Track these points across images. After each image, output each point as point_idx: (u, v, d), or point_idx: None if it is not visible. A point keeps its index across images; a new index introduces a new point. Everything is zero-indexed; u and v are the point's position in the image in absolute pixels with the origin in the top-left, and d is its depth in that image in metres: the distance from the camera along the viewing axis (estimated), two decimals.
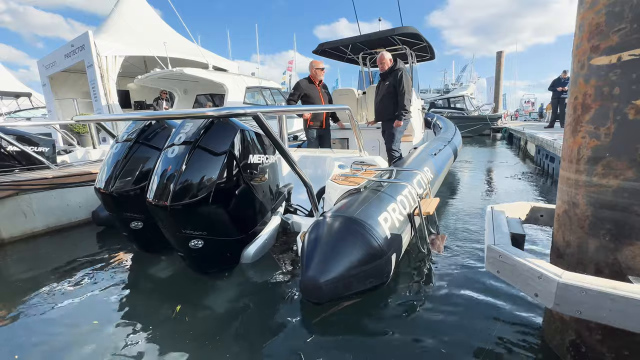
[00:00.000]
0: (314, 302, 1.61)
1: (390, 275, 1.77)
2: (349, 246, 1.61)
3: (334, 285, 1.52)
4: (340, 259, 1.57)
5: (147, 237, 2.35)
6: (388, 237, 1.75)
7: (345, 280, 1.55)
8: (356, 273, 1.58)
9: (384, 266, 1.69)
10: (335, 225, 1.72)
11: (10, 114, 11.20)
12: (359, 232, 1.66)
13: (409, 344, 1.46)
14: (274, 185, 2.35)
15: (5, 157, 3.65)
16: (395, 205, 2.01)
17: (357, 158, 3.05)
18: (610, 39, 1.01)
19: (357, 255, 1.60)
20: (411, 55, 5.02)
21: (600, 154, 1.06)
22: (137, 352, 1.47)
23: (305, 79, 4.10)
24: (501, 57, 16.36)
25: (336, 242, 1.63)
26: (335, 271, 1.53)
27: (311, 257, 1.60)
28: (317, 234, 1.71)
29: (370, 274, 1.64)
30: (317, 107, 3.64)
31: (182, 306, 1.80)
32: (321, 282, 1.50)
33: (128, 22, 8.29)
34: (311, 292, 1.54)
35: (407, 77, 3.68)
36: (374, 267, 1.64)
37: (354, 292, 1.62)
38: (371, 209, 1.85)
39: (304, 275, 1.56)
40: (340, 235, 1.66)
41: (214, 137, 1.91)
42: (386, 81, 3.79)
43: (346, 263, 1.56)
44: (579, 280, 0.96)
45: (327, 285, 1.50)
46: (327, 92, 4.21)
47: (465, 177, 5.62)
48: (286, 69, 30.05)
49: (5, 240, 2.84)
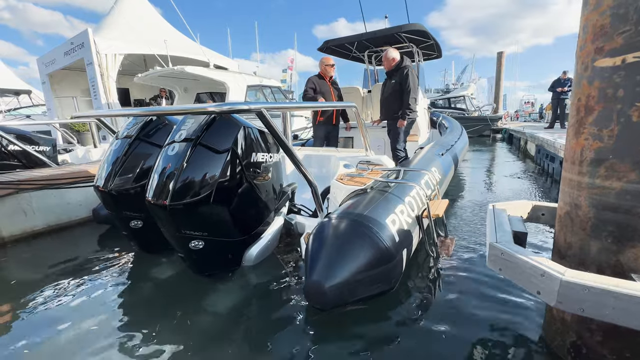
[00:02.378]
0: (318, 308, 1.56)
1: (398, 280, 1.72)
2: (356, 249, 1.55)
3: (340, 291, 1.46)
4: (346, 262, 1.50)
5: (147, 236, 2.32)
6: (396, 240, 1.67)
7: (351, 285, 1.49)
8: (363, 278, 1.51)
9: (392, 271, 1.63)
10: (341, 227, 1.66)
11: (9, 111, 11.17)
12: (366, 235, 1.59)
13: (413, 347, 1.45)
14: (277, 185, 2.30)
15: (5, 156, 3.64)
16: (403, 207, 1.94)
17: (363, 157, 2.98)
18: (614, 41, 1.01)
19: (363, 259, 1.53)
20: (418, 53, 4.96)
21: (603, 156, 1.06)
22: (135, 353, 1.47)
23: (315, 76, 4.08)
24: (502, 57, 16.34)
25: (342, 244, 1.57)
26: (341, 276, 1.47)
27: (316, 260, 1.54)
28: (322, 236, 1.65)
29: (377, 278, 1.58)
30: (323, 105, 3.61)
31: (183, 308, 1.78)
32: (326, 287, 1.44)
33: (128, 19, 8.26)
34: (315, 297, 1.48)
35: (413, 75, 3.61)
36: (381, 272, 1.58)
37: (360, 298, 1.57)
38: (378, 211, 1.78)
39: (308, 279, 1.50)
40: (346, 237, 1.60)
41: (215, 134, 1.86)
42: (392, 79, 3.74)
43: (352, 267, 1.50)
44: (582, 278, 0.96)
45: (332, 291, 1.45)
46: (338, 89, 4.19)
47: (465, 177, 5.62)
48: (287, 67, 30.01)
49: (6, 239, 2.84)
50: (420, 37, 4.55)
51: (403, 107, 3.62)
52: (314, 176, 2.01)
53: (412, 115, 3.69)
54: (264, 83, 7.69)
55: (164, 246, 2.06)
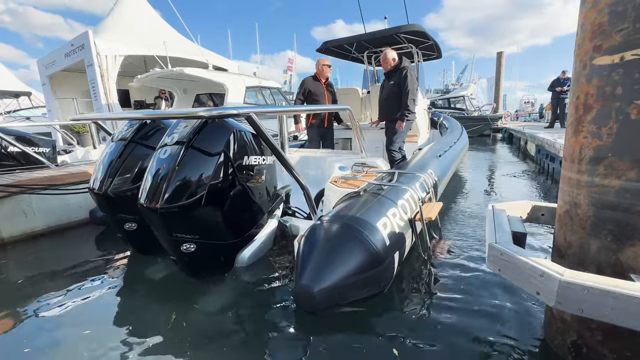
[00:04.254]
0: (308, 312, 1.55)
1: (389, 283, 1.72)
2: (346, 253, 1.55)
3: (329, 294, 1.46)
4: (336, 266, 1.50)
5: (141, 238, 2.31)
6: (387, 243, 1.67)
7: (341, 288, 1.49)
8: (353, 281, 1.51)
9: (383, 274, 1.63)
10: (332, 230, 1.66)
11: (10, 113, 11.19)
12: (356, 238, 1.60)
13: (408, 349, 1.45)
14: (271, 187, 2.29)
15: (5, 157, 3.64)
16: (395, 210, 1.94)
17: (358, 159, 2.97)
18: (612, 39, 1.00)
19: (354, 263, 1.53)
20: (417, 54, 4.96)
21: (602, 154, 1.06)
22: (130, 353, 1.47)
23: (310, 77, 4.08)
24: (501, 57, 16.34)
25: (332, 248, 1.57)
26: (330, 279, 1.47)
27: (306, 263, 1.54)
28: (312, 239, 1.65)
29: (367, 282, 1.57)
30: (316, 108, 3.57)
31: (177, 310, 1.78)
32: (315, 291, 1.44)
33: (128, 21, 8.28)
34: (304, 301, 1.48)
35: (412, 76, 3.57)
36: (371, 275, 1.58)
37: (350, 302, 1.56)
38: (370, 214, 1.78)
39: (297, 283, 1.50)
40: (337, 241, 1.60)
41: (207, 138, 1.85)
42: (391, 80, 3.70)
43: (342, 271, 1.49)
44: (581, 278, 0.96)
45: (321, 295, 1.44)
46: (333, 92, 4.17)
47: (465, 176, 5.61)
48: (286, 68, 30.07)
49: (6, 240, 2.84)
50: (419, 38, 4.54)
51: (402, 109, 3.58)
52: (310, 178, 1.99)
53: (411, 117, 3.65)
54: (263, 84, 7.69)
55: (159, 248, 2.06)
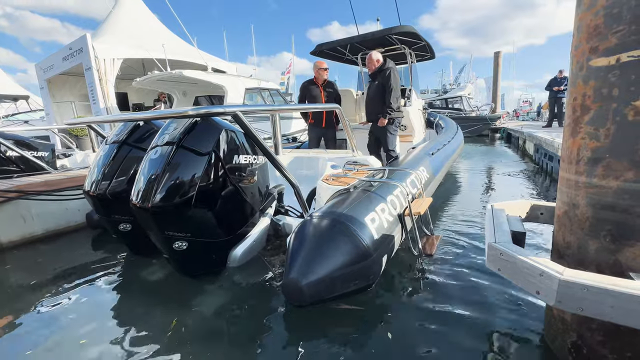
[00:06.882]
0: (296, 305, 1.58)
1: (377, 276, 1.75)
2: (333, 247, 1.59)
3: (316, 287, 1.50)
4: (323, 260, 1.54)
5: (136, 239, 2.34)
6: (375, 237, 1.72)
7: (328, 282, 1.52)
8: (340, 274, 1.55)
9: (371, 267, 1.67)
10: (321, 225, 1.70)
11: (7, 117, 11.17)
12: (344, 233, 1.64)
13: (403, 347, 1.44)
14: (263, 186, 2.32)
15: (4, 162, 3.64)
16: (384, 206, 1.98)
17: (350, 158, 3.03)
18: (608, 41, 1.01)
19: (341, 257, 1.57)
20: (410, 55, 5.02)
21: (600, 155, 1.06)
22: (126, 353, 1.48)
23: (307, 81, 4.17)
24: (499, 57, 16.38)
25: (320, 242, 1.61)
26: (318, 273, 1.51)
27: (295, 258, 1.58)
28: (302, 235, 1.69)
29: (355, 275, 1.61)
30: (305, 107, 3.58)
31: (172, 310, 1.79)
32: (302, 284, 1.48)
33: (126, 24, 8.28)
34: (292, 294, 1.52)
35: (395, 75, 3.64)
36: (359, 269, 1.61)
37: (338, 294, 1.59)
38: (359, 209, 1.83)
39: (286, 277, 1.54)
40: (325, 235, 1.64)
41: (197, 138, 1.89)
42: (375, 81, 3.78)
43: (330, 264, 1.54)
44: (581, 277, 0.96)
45: (309, 287, 1.48)
46: (333, 91, 4.20)
47: (464, 176, 5.63)
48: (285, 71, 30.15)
49: (4, 245, 2.83)
50: (411, 39, 4.59)
51: (384, 107, 3.65)
52: (303, 178, 2.02)
53: (395, 115, 3.69)
54: (262, 86, 7.71)
55: (154, 249, 2.09)
